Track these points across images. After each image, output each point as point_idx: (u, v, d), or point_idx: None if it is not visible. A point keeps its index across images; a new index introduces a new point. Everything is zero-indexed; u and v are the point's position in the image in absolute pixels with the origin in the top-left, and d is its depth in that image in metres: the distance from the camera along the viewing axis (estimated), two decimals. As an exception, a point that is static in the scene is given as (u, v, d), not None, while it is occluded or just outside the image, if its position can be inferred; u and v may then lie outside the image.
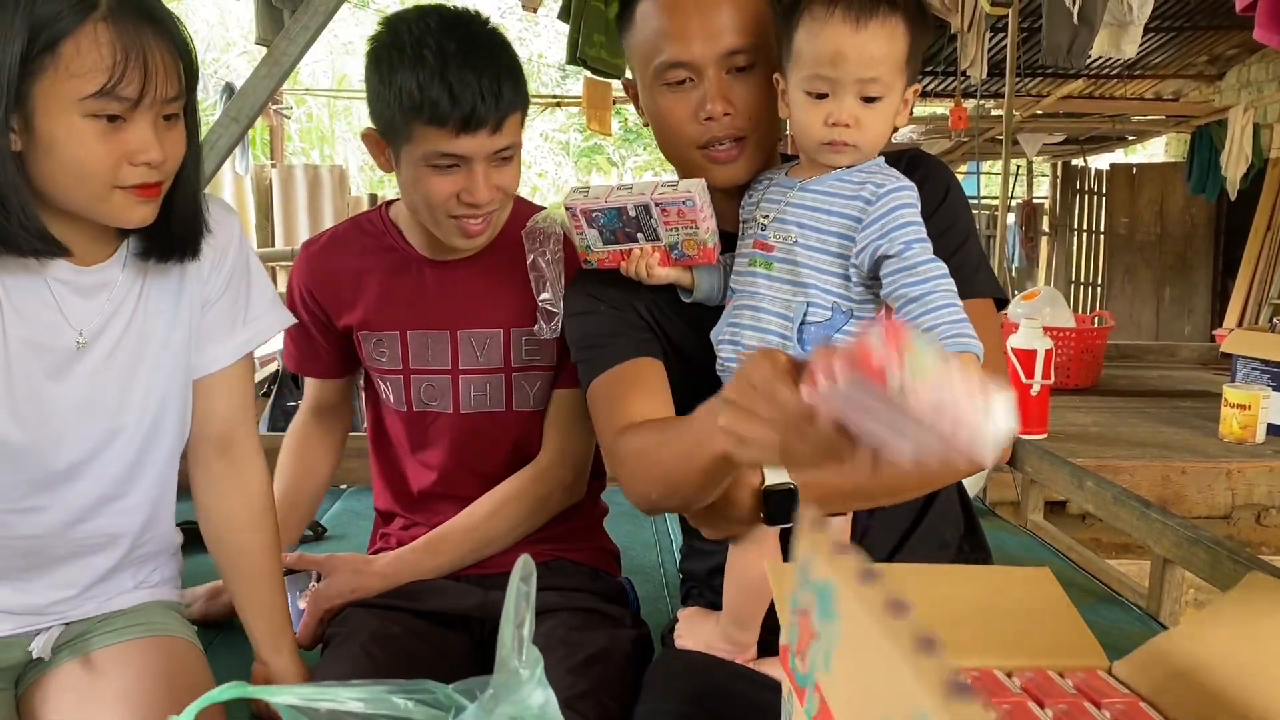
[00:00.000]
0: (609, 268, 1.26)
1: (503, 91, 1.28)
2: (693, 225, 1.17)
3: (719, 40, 1.18)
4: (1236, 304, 7.89)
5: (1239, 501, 3.67)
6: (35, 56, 1.02)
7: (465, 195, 1.33)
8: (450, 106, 1.26)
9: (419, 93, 1.26)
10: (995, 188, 11.03)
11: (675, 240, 1.19)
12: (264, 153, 10.61)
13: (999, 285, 1.26)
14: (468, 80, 1.26)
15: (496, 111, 1.28)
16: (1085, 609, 0.90)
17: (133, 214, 1.13)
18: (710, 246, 1.19)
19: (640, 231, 1.20)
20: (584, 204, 1.22)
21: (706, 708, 1.13)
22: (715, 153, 1.22)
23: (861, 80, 1.10)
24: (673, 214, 1.17)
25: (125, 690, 1.18)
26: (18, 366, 1.16)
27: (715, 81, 1.19)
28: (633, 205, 1.19)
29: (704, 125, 1.20)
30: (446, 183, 1.32)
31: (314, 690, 0.58)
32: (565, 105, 11.44)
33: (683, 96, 1.21)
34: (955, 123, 6.65)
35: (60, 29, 1.01)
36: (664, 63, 1.20)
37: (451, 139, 1.28)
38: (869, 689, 0.56)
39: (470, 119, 1.27)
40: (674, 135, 1.24)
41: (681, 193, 1.16)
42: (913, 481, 1.17)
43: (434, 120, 1.27)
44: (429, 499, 1.56)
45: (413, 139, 1.30)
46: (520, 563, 0.59)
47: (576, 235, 1.25)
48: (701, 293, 1.23)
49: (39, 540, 1.23)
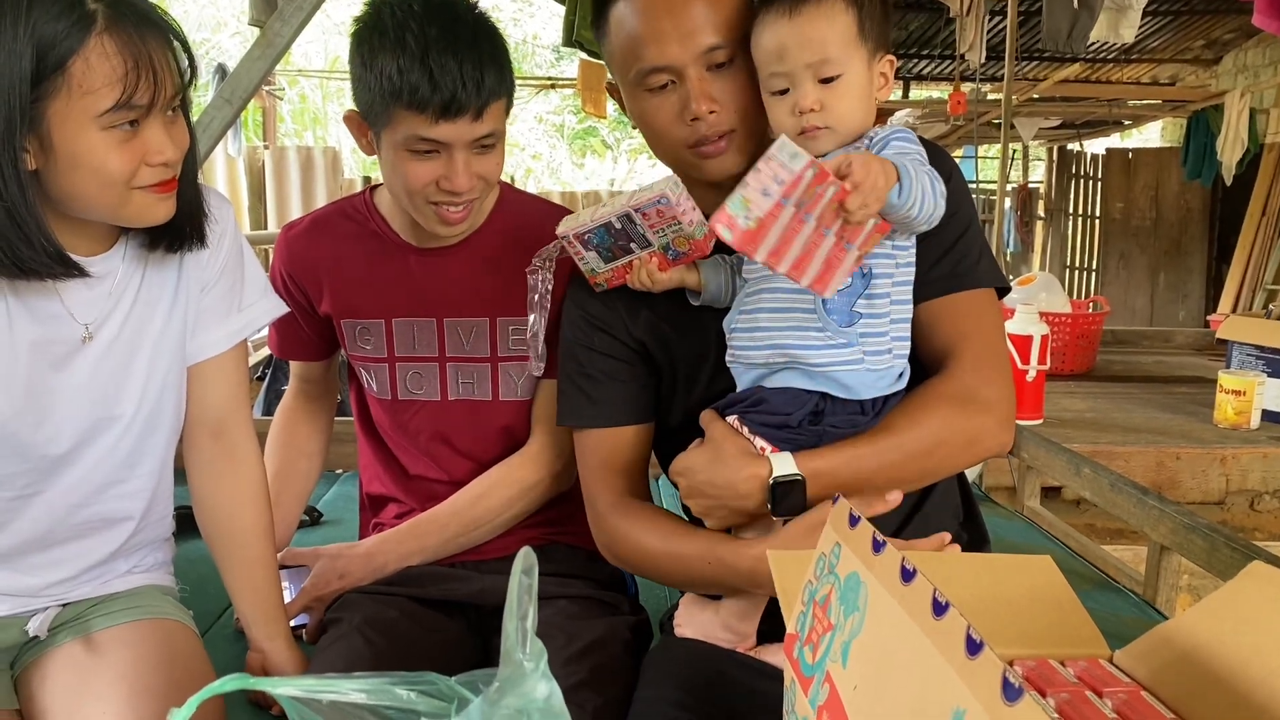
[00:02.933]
0: (619, 284, 1.25)
1: (485, 79, 1.27)
2: (675, 221, 1.17)
3: (695, 39, 1.16)
4: (1231, 289, 7.90)
5: (1233, 487, 3.69)
6: (46, 78, 1.02)
7: (444, 182, 1.32)
8: (431, 92, 1.24)
9: (399, 77, 1.25)
10: (991, 172, 11.04)
11: (666, 241, 1.19)
12: (257, 134, 10.58)
13: (1001, 274, 1.25)
14: (449, 66, 1.24)
15: (478, 99, 1.27)
16: (1081, 595, 0.90)
17: (154, 212, 1.14)
18: (700, 239, 1.18)
19: (632, 241, 1.20)
20: (574, 229, 1.22)
21: (705, 695, 1.13)
22: (705, 149, 1.21)
23: (810, 64, 1.10)
24: (653, 215, 1.17)
25: (124, 671, 1.19)
26: (24, 359, 1.16)
27: (696, 82, 1.17)
28: (615, 218, 1.19)
29: (690, 126, 1.19)
30: (426, 169, 1.31)
31: (316, 682, 0.58)
32: (560, 87, 11.40)
33: (666, 99, 1.20)
34: (954, 107, 6.64)
35: (67, 48, 1.02)
36: (642, 69, 1.19)
37: (431, 125, 1.27)
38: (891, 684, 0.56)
39: (451, 105, 1.25)
40: (662, 138, 1.23)
41: (654, 193, 1.16)
42: (925, 468, 1.17)
43: (414, 105, 1.26)
44: (422, 482, 1.55)
45: (393, 123, 1.29)
46: (521, 555, 0.58)
47: (579, 261, 1.25)
48: (709, 293, 1.22)
49: (41, 524, 1.24)
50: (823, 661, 0.68)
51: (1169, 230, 9.51)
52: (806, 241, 1.03)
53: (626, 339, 1.29)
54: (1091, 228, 9.94)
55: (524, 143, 18.46)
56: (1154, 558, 1.87)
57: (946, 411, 1.14)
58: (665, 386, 1.31)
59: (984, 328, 1.20)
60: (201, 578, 1.54)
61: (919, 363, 1.20)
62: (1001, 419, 1.18)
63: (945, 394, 1.15)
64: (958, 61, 6.76)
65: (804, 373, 1.12)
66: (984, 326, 1.20)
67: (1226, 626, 0.75)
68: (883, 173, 1.03)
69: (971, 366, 1.16)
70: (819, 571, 0.75)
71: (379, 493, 1.61)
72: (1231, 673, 0.72)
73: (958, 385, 1.15)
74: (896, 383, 1.15)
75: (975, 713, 0.50)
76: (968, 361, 1.16)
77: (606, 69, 1.32)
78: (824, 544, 0.75)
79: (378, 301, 1.49)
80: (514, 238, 1.47)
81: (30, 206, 1.06)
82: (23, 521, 1.22)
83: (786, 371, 1.13)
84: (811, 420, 1.13)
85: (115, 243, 1.22)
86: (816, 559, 0.76)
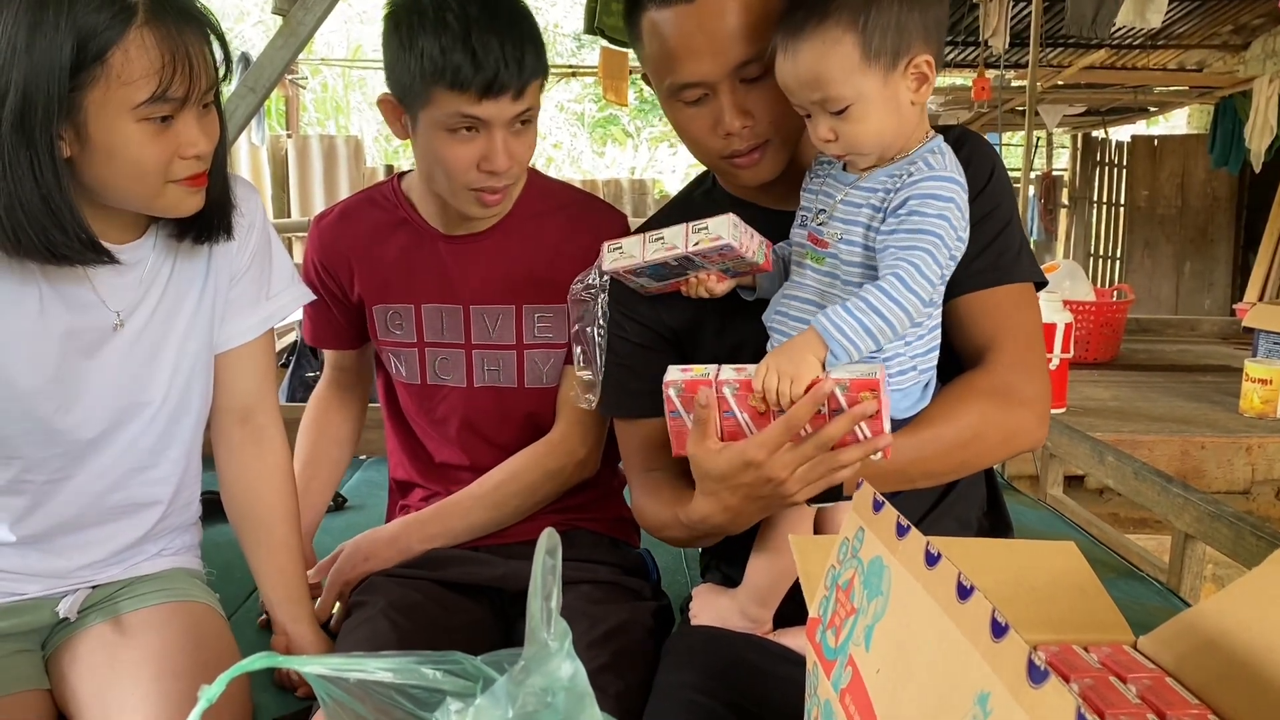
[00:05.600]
0: (671, 292, 1.24)
1: (525, 58, 1.28)
2: (739, 258, 1.15)
3: (728, 54, 1.14)
4: (1258, 278, 7.81)
5: (1259, 477, 3.65)
6: (86, 67, 1.03)
7: (485, 163, 1.32)
8: (474, 71, 1.25)
9: (441, 57, 1.25)
10: (1015, 159, 10.93)
11: (725, 267, 1.17)
12: (279, 123, 10.62)
13: (1039, 269, 1.24)
14: (491, 45, 1.25)
15: (519, 77, 1.28)
16: (1106, 584, 0.90)
17: (186, 204, 1.16)
18: (762, 262, 1.16)
19: (689, 270, 1.18)
20: (623, 265, 1.18)
21: (725, 679, 1.14)
22: (738, 161, 1.20)
23: (814, 101, 1.08)
24: (714, 257, 1.14)
25: (154, 652, 1.21)
26: (57, 346, 1.18)
27: (729, 96, 1.16)
28: (673, 259, 1.15)
29: (725, 139, 1.18)
30: (466, 150, 1.32)
31: (343, 660, 0.58)
32: (581, 75, 11.38)
33: (699, 112, 1.19)
34: (978, 93, 6.57)
35: (107, 39, 1.03)
36: (675, 83, 1.18)
37: (474, 103, 1.27)
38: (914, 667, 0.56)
39: (493, 84, 1.26)
40: (697, 146, 1.23)
41: (714, 238, 1.12)
42: (962, 461, 1.17)
43: (456, 85, 1.26)
44: (448, 469, 1.56)
45: (432, 103, 1.29)
46: (545, 535, 0.59)
47: (627, 283, 1.22)
48: (764, 288, 1.21)
49: (71, 508, 1.25)
50: (845, 645, 0.69)
51: (1195, 218, 9.41)
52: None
53: (659, 327, 1.29)
54: (1116, 215, 9.85)
55: (545, 131, 18.45)
56: (1178, 546, 1.86)
57: (985, 406, 1.14)
58: None
59: (1024, 322, 1.19)
60: (227, 563, 1.56)
61: (956, 356, 1.19)
62: (1039, 415, 1.17)
63: (984, 388, 1.14)
64: (981, 48, 6.71)
65: None
66: (1024, 321, 1.19)
67: (1252, 613, 0.75)
68: (790, 375, 1.01)
69: (1011, 362, 1.16)
70: (842, 556, 0.75)
71: (405, 478, 1.63)
72: (1257, 658, 0.71)
73: (997, 380, 1.15)
74: (921, 399, 1.14)
75: (1000, 695, 0.50)
76: (1007, 356, 1.16)
77: (627, 57, 1.32)
78: (847, 529, 0.75)
79: (407, 287, 1.50)
80: (541, 225, 1.48)
81: (65, 193, 1.07)
82: (53, 505, 1.24)
83: None
84: None
85: (145, 231, 1.23)
86: (839, 543, 0.76)
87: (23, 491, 1.23)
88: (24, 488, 1.23)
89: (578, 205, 1.51)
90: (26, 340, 1.17)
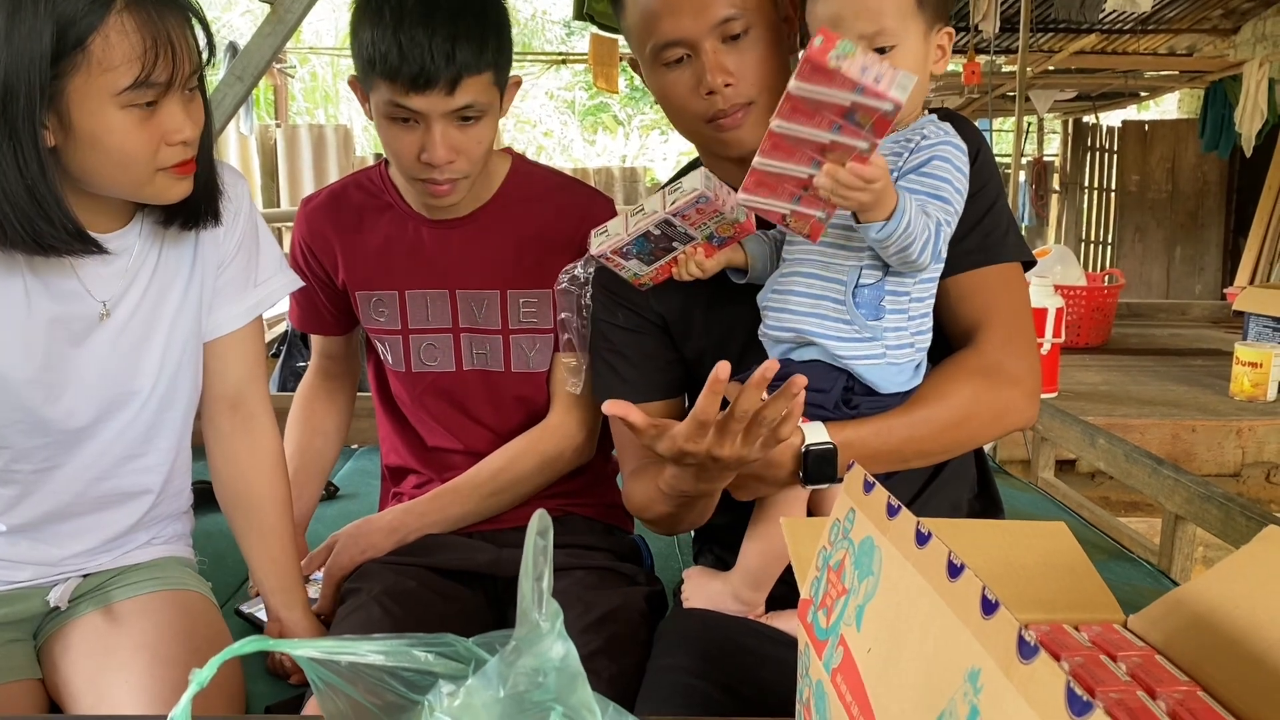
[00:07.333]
0: (663, 280, 1.24)
1: (456, 52, 1.26)
2: (717, 214, 1.15)
3: (709, 11, 1.15)
4: (1248, 262, 7.83)
5: (1249, 459, 3.67)
6: (66, 55, 1.02)
7: (424, 155, 1.32)
8: (399, 63, 1.26)
9: (372, 47, 1.27)
10: (1006, 145, 10.95)
11: (709, 231, 1.17)
12: (268, 112, 10.57)
13: (1027, 249, 1.24)
14: (418, 39, 1.25)
15: (448, 71, 1.26)
16: (1097, 566, 0.90)
17: (173, 191, 1.15)
18: (744, 220, 1.17)
19: (674, 240, 1.18)
20: (610, 245, 1.19)
21: (719, 662, 1.14)
22: (722, 122, 1.19)
23: (865, 35, 1.07)
24: (693, 215, 1.14)
25: (146, 640, 1.21)
26: (43, 336, 1.17)
27: (711, 54, 1.16)
28: (653, 225, 1.16)
29: (707, 99, 1.18)
30: (408, 139, 1.32)
31: (335, 643, 0.58)
32: (571, 63, 11.33)
33: (682, 74, 1.19)
34: (969, 78, 6.57)
35: (87, 24, 1.02)
36: (657, 43, 1.18)
37: (405, 95, 1.28)
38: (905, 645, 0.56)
39: (419, 78, 1.26)
40: (680, 113, 1.23)
41: (691, 194, 1.13)
42: (954, 440, 1.17)
43: (385, 75, 1.27)
44: (440, 452, 1.56)
45: (374, 90, 1.31)
46: (536, 517, 0.59)
47: (620, 272, 1.22)
48: (755, 271, 1.21)
49: (61, 496, 1.25)
50: (837, 625, 0.69)
51: (1185, 203, 9.43)
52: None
53: (648, 313, 1.29)
54: (1107, 201, 9.86)
55: (535, 119, 18.41)
56: (1169, 528, 1.87)
57: (976, 385, 1.15)
58: (693, 361, 1.31)
59: (1012, 302, 1.20)
60: (219, 552, 1.56)
61: (946, 336, 1.20)
62: (1029, 393, 1.18)
63: (974, 367, 1.15)
64: (972, 33, 6.70)
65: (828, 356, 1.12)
66: (1012, 301, 1.20)
67: (1241, 590, 0.75)
68: (871, 198, 1.01)
69: (1000, 341, 1.16)
70: (833, 537, 0.75)
71: (398, 464, 1.62)
72: (1246, 636, 0.71)
73: (987, 359, 1.16)
74: (914, 377, 1.15)
75: (990, 671, 0.50)
76: (997, 336, 1.17)
77: (618, 44, 1.32)
78: (838, 510, 0.75)
79: (392, 273, 1.49)
80: (525, 210, 1.47)
81: (50, 184, 1.07)
82: (43, 494, 1.24)
83: (812, 347, 1.13)
84: (845, 403, 1.13)
85: (131, 219, 1.22)
86: (831, 525, 0.76)
87: (12, 481, 1.23)
88: (13, 477, 1.22)
89: (561, 190, 1.51)
90: (13, 330, 1.16)
